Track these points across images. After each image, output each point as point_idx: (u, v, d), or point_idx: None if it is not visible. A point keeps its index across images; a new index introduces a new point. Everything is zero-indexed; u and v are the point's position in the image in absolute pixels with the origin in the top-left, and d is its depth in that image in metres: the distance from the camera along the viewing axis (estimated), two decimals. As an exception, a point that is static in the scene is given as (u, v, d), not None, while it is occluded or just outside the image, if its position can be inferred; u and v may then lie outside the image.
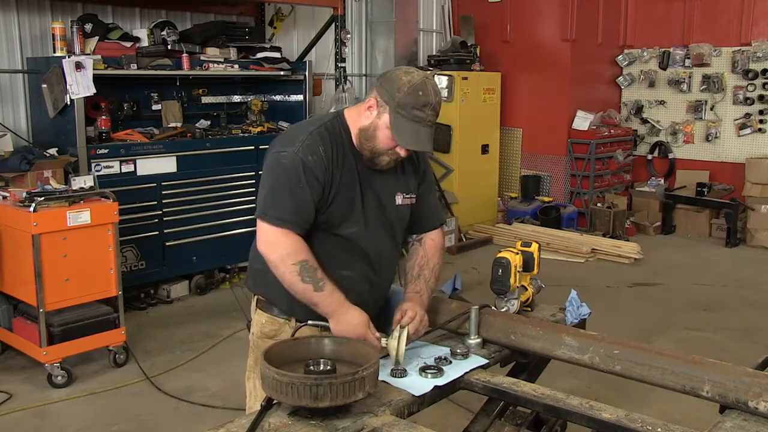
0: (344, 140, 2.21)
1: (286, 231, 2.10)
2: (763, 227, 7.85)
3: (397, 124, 2.11)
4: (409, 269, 2.38)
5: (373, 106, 2.16)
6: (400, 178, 2.33)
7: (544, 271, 2.58)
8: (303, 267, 2.08)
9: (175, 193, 5.67)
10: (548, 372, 2.50)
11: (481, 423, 2.13)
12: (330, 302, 2.10)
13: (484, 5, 8.88)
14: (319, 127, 2.20)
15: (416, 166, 2.40)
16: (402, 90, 2.09)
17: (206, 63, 6.03)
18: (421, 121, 2.10)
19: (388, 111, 2.12)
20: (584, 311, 2.50)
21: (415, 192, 2.37)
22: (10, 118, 5.52)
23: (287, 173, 2.12)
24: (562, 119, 8.52)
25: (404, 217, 2.36)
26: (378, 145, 2.17)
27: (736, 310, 5.90)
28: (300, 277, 2.07)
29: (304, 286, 2.08)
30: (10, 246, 4.38)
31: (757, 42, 8.09)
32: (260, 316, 2.36)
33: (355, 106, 2.27)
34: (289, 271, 2.09)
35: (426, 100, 2.09)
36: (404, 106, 2.09)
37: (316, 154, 2.13)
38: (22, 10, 5.57)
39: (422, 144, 2.14)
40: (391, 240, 2.34)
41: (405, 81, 2.10)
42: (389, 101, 2.11)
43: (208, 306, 5.79)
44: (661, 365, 1.94)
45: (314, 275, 2.08)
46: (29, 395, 4.16)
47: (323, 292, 2.09)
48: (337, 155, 2.17)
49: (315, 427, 1.71)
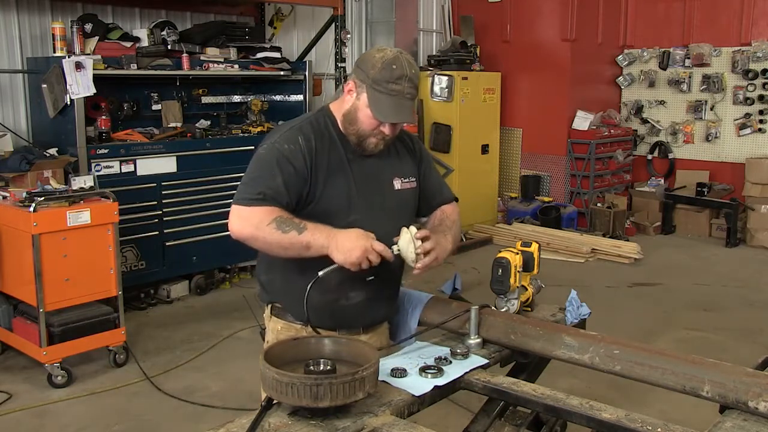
0: (331, 131, 2.21)
1: (253, 207, 2.07)
2: (763, 227, 7.86)
3: (374, 100, 2.10)
4: (430, 226, 2.36)
5: (352, 89, 2.16)
6: (395, 163, 2.31)
7: (544, 271, 2.57)
8: (278, 221, 2.04)
9: (175, 193, 5.67)
10: (548, 372, 2.49)
11: (481, 423, 2.13)
12: (319, 235, 2.04)
13: (484, 5, 8.89)
14: (303, 122, 2.22)
15: (410, 148, 2.38)
16: (376, 66, 2.10)
17: (206, 63, 6.04)
18: (399, 94, 2.09)
19: (365, 89, 2.12)
20: (584, 311, 2.50)
21: (414, 175, 2.36)
22: (10, 118, 5.52)
23: (261, 163, 2.14)
24: (562, 119, 8.53)
25: (407, 201, 2.34)
26: (361, 126, 2.16)
27: (736, 310, 5.90)
28: (280, 231, 2.03)
29: (288, 236, 2.03)
30: (10, 246, 4.38)
31: (757, 42, 8.09)
32: (276, 323, 2.32)
33: (339, 97, 2.27)
34: (267, 233, 2.04)
35: (400, 73, 2.09)
36: (379, 82, 2.09)
37: (295, 143, 2.13)
38: (22, 10, 5.57)
39: (402, 115, 2.13)
40: (395, 224, 2.28)
41: (378, 57, 2.11)
42: (365, 80, 2.12)
43: (208, 306, 5.79)
44: (661, 365, 1.94)
45: (291, 222, 2.04)
46: (29, 395, 4.16)
47: (307, 230, 2.04)
48: (323, 145, 2.16)
49: (315, 427, 1.71)
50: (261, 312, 2.45)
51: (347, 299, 2.23)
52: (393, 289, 2.39)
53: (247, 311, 5.45)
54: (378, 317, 2.37)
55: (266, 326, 2.39)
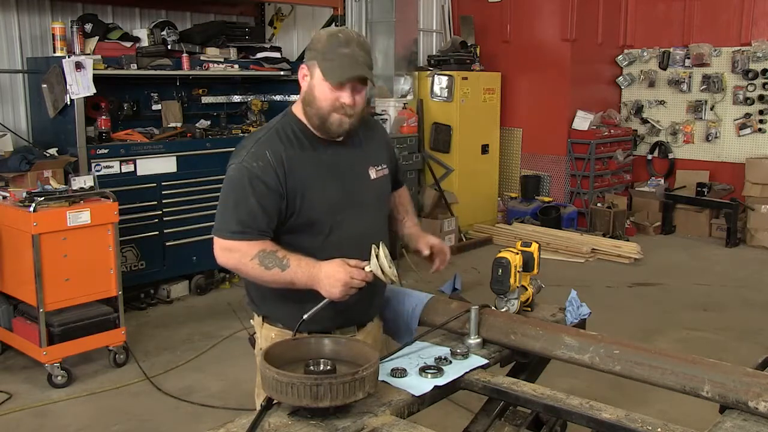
0: (298, 133, 2.18)
1: (234, 241, 2.09)
2: (763, 227, 7.85)
3: (327, 69, 2.09)
4: (395, 211, 2.49)
5: (306, 73, 2.16)
6: (367, 152, 2.31)
7: (544, 271, 2.57)
8: (261, 256, 2.05)
9: (175, 193, 5.67)
10: (548, 372, 2.49)
11: (481, 423, 2.13)
12: (302, 272, 2.05)
13: (484, 5, 8.88)
14: (268, 132, 2.19)
15: (376, 134, 2.40)
16: (321, 40, 2.13)
17: (206, 63, 6.03)
18: (350, 56, 2.08)
19: (317, 65, 2.11)
20: (584, 311, 2.50)
21: (385, 162, 2.37)
22: (10, 118, 5.52)
23: (232, 186, 2.13)
24: (562, 119, 8.52)
25: (383, 189, 2.36)
26: (320, 104, 2.12)
27: (736, 310, 5.90)
28: (263, 267, 2.05)
29: (271, 273, 2.05)
30: (10, 246, 4.38)
31: (757, 42, 8.09)
32: (269, 330, 2.31)
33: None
34: (251, 268, 2.07)
35: (347, 38, 2.10)
36: (328, 51, 2.09)
37: (262, 159, 2.10)
38: (22, 10, 5.57)
39: (354, 69, 2.09)
40: (378, 214, 2.33)
41: (323, 33, 2.16)
42: (315, 56, 2.12)
43: (208, 306, 5.79)
44: (661, 365, 1.94)
45: (275, 257, 2.05)
46: (29, 395, 4.16)
47: (290, 267, 2.05)
48: (293, 152, 2.14)
49: (315, 427, 1.71)
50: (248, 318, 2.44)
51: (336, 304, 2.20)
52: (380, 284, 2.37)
53: (247, 311, 5.45)
54: (370, 313, 2.38)
55: (258, 333, 2.37)
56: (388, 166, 2.37)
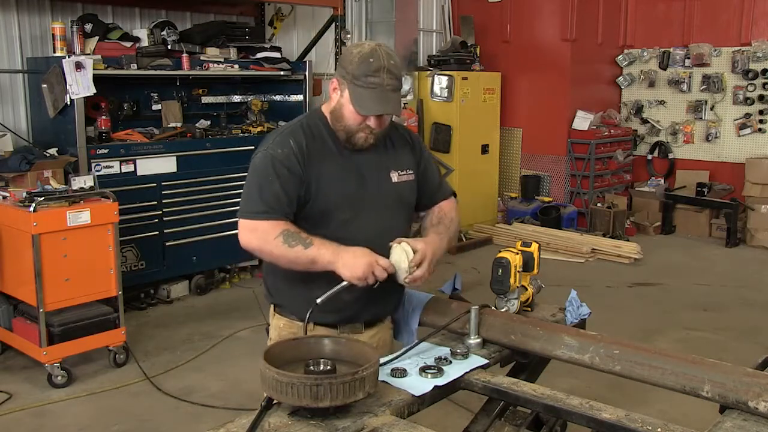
0: (322, 131, 2.24)
1: (259, 220, 2.13)
2: (763, 227, 7.85)
3: (356, 96, 2.13)
4: (428, 223, 2.41)
5: (336, 87, 2.20)
6: (391, 155, 2.33)
7: (544, 271, 2.57)
8: (285, 235, 2.09)
9: (175, 193, 5.67)
10: (548, 372, 2.49)
11: (481, 423, 2.13)
12: (324, 251, 2.08)
13: (484, 5, 8.88)
14: (294, 125, 2.26)
15: (407, 141, 2.40)
16: (353, 62, 2.13)
17: (206, 63, 6.03)
18: (378, 87, 2.11)
19: (347, 86, 2.15)
20: (584, 311, 2.50)
21: (412, 168, 2.37)
22: (10, 118, 5.52)
23: (257, 172, 2.18)
24: (562, 119, 8.52)
25: (405, 194, 2.35)
26: (347, 122, 2.18)
27: (736, 310, 5.90)
28: (286, 245, 2.08)
29: (294, 251, 2.08)
30: (10, 246, 4.38)
31: (757, 42, 8.09)
32: (278, 320, 2.37)
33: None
34: (274, 246, 2.10)
35: (378, 65, 2.10)
36: (358, 77, 2.11)
37: (286, 147, 2.17)
38: (22, 10, 5.57)
39: (384, 107, 2.14)
40: (394, 218, 2.32)
41: (355, 53, 2.14)
42: (346, 76, 2.15)
43: (208, 306, 5.79)
44: (661, 365, 1.94)
45: (298, 236, 2.09)
46: (29, 395, 4.16)
47: (313, 245, 2.08)
48: (315, 146, 2.20)
49: (315, 427, 1.71)
50: (267, 309, 2.50)
51: (349, 293, 2.21)
52: (395, 283, 2.37)
53: (247, 311, 5.46)
54: (380, 313, 2.38)
55: (270, 323, 2.43)
56: (415, 173, 2.37)
